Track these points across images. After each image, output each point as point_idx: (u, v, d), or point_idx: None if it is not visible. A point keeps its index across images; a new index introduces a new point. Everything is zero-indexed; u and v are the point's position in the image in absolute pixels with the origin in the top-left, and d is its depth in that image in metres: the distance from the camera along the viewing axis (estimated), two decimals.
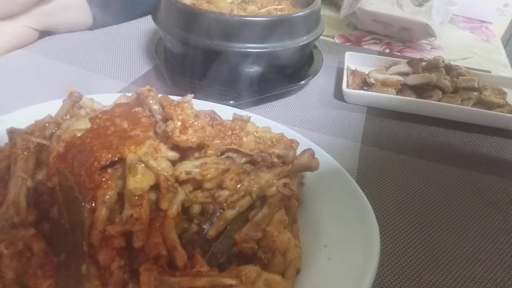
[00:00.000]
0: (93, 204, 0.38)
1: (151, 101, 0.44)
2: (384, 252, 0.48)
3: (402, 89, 0.75)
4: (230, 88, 0.68)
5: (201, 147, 0.42)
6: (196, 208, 0.41)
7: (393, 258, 0.47)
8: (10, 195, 0.39)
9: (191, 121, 0.42)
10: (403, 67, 0.78)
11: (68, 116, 0.50)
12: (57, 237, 0.38)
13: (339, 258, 0.41)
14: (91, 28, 0.91)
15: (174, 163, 0.41)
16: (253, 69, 0.70)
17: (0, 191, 0.41)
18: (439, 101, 0.73)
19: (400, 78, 0.75)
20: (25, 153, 0.41)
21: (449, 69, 0.78)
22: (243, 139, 0.44)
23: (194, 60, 0.69)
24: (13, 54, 0.78)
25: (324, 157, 0.50)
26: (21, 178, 0.40)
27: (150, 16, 0.77)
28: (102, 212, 0.37)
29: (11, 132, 0.43)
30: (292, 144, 0.47)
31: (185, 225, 0.40)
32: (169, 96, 0.48)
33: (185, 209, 0.41)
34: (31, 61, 0.77)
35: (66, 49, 0.83)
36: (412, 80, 0.75)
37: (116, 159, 0.39)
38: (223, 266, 0.38)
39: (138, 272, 0.35)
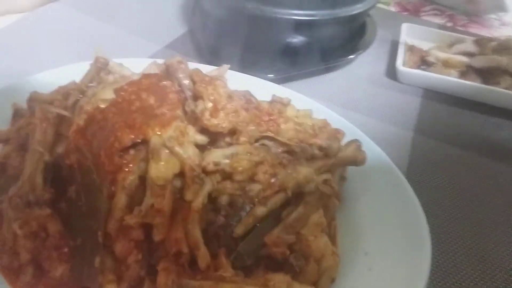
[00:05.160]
0: (112, 189, 0.35)
1: (181, 75, 0.40)
2: (434, 266, 0.42)
3: (466, 72, 0.69)
4: (270, 59, 0.63)
5: (233, 132, 0.38)
6: (224, 199, 0.37)
7: (444, 274, 0.42)
8: (26, 170, 0.36)
9: (223, 103, 0.38)
10: (469, 46, 0.71)
11: (95, 83, 0.47)
12: (74, 219, 0.36)
13: (382, 269, 0.37)
14: None
15: (202, 147, 0.38)
16: (297, 40, 0.64)
17: (20, 160, 0.39)
18: (508, 89, 0.65)
19: (465, 59, 0.69)
20: (44, 124, 0.38)
21: None
22: (281, 126, 0.40)
23: (233, 25, 0.64)
24: (46, 8, 0.75)
25: (371, 149, 0.45)
26: (38, 152, 0.37)
27: None
28: (121, 200, 0.34)
29: (30, 100, 0.40)
30: (337, 134, 0.41)
31: (211, 217, 0.37)
32: (203, 65, 0.43)
33: (212, 199, 0.37)
34: (64, 15, 0.75)
35: (100, 4, 0.79)
36: (479, 62, 0.69)
37: (139, 140, 0.35)
38: (249, 269, 0.35)
39: (156, 269, 0.32)
